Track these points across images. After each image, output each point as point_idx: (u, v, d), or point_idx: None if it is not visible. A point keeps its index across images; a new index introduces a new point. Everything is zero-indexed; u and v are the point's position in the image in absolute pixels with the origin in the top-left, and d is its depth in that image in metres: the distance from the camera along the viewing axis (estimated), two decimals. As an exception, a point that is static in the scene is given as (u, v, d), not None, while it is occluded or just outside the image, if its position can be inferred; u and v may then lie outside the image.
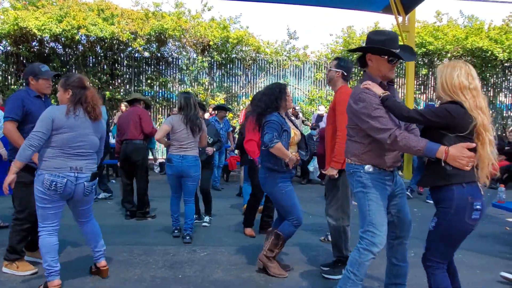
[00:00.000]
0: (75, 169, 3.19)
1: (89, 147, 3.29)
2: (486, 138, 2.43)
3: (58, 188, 3.13)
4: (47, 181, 3.11)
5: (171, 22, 11.65)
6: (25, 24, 10.68)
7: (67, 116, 3.16)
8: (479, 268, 4.11)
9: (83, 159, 3.25)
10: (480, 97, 2.48)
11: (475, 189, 2.49)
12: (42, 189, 3.13)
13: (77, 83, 3.27)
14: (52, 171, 3.13)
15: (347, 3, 9.76)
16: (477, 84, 2.50)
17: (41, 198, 3.17)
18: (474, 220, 2.48)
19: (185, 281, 3.63)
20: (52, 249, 3.23)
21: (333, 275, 3.74)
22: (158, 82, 12.56)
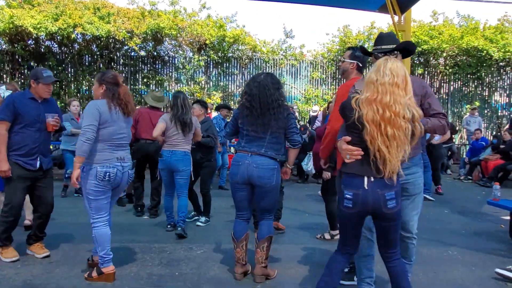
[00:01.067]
0: (120, 159, 3.48)
1: (127, 138, 3.60)
2: (374, 133, 2.40)
3: (111, 178, 3.41)
4: (100, 173, 3.35)
5: (167, 20, 11.63)
6: (20, 22, 10.64)
7: (110, 111, 3.40)
8: (474, 265, 4.14)
9: (124, 149, 3.56)
10: (388, 93, 2.42)
11: (351, 180, 2.54)
12: (95, 181, 3.36)
13: (111, 79, 3.47)
14: (103, 163, 3.37)
15: (343, 2, 9.75)
16: (387, 80, 2.44)
17: (94, 191, 3.39)
18: (346, 208, 2.56)
19: (181, 279, 3.64)
20: (108, 238, 3.50)
21: (343, 280, 3.60)
22: (155, 81, 12.54)
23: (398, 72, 2.46)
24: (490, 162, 9.58)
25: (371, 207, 2.51)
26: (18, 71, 11.92)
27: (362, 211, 2.55)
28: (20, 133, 3.79)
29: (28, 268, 3.77)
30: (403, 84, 2.45)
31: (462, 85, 13.62)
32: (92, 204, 3.44)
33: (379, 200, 2.49)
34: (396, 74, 2.45)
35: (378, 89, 2.44)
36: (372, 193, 2.49)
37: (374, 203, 2.50)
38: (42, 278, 3.56)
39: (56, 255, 4.13)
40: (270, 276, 3.68)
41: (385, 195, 2.49)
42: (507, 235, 5.04)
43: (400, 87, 2.44)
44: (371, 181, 2.50)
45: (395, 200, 2.51)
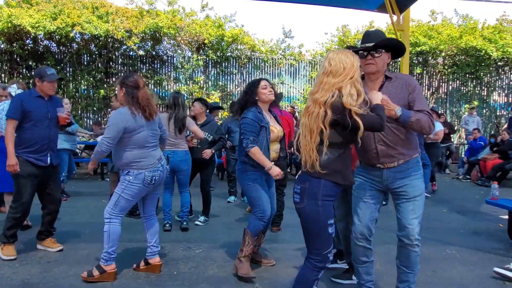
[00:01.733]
0: (159, 158, 3.59)
1: (157, 138, 3.66)
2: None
3: (157, 181, 3.55)
4: (148, 178, 3.47)
5: (166, 20, 11.62)
6: (19, 21, 10.62)
7: (134, 117, 3.40)
8: (473, 264, 4.14)
9: (156, 148, 3.64)
10: (318, 83, 2.41)
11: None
12: (142, 185, 3.47)
13: (131, 82, 3.47)
14: (149, 168, 3.48)
15: (342, 1, 9.76)
16: (321, 72, 2.42)
17: (137, 193, 3.51)
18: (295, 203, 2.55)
19: (179, 278, 3.63)
20: (118, 237, 3.53)
21: (338, 279, 3.64)
22: (153, 80, 12.53)
23: (336, 61, 2.36)
24: (489, 161, 9.59)
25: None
26: (16, 71, 11.89)
27: None
28: (30, 131, 3.91)
29: (26, 268, 3.76)
30: (340, 71, 2.35)
31: (460, 84, 13.63)
32: (122, 203, 3.50)
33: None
34: (334, 64, 2.36)
35: (315, 83, 2.46)
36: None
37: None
38: (40, 277, 3.55)
39: (54, 255, 4.12)
40: (237, 270, 3.66)
41: (294, 188, 2.51)
42: (505, 234, 5.04)
43: (334, 74, 2.36)
44: (299, 174, 2.54)
45: (299, 195, 2.46)
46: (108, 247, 3.48)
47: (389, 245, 4.67)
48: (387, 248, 4.54)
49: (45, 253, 4.15)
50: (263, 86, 3.76)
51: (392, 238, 4.94)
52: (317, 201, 2.41)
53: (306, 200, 2.43)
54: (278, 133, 3.84)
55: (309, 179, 2.44)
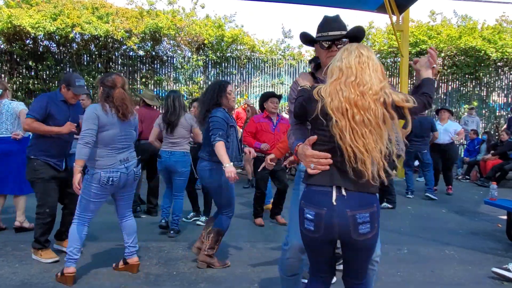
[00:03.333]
0: (123, 160, 3.47)
1: (129, 139, 3.57)
2: (341, 123, 1.90)
3: (114, 182, 3.41)
4: (103, 178, 3.37)
5: (165, 20, 11.64)
6: (18, 22, 10.63)
7: (106, 114, 3.37)
8: (471, 264, 4.15)
9: (126, 150, 3.52)
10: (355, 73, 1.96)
11: (314, 194, 1.99)
12: (98, 185, 3.38)
13: (108, 82, 3.46)
14: (106, 168, 3.38)
15: (341, 2, 9.79)
16: (353, 60, 1.98)
17: (95, 193, 3.42)
18: (307, 230, 2.01)
19: (179, 278, 3.64)
20: (80, 237, 3.44)
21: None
22: (153, 80, 12.53)
23: (369, 54, 2.01)
24: (488, 162, 9.61)
25: (337, 231, 1.94)
26: (16, 71, 11.90)
27: (327, 236, 1.97)
28: (50, 135, 3.87)
29: (25, 268, 3.77)
30: (375, 66, 1.99)
31: (460, 85, 13.64)
32: (82, 202, 3.44)
33: (347, 223, 1.92)
34: (367, 55, 2.00)
35: (343, 72, 1.98)
36: (339, 214, 1.91)
37: (341, 227, 1.93)
38: (39, 277, 3.56)
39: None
40: (214, 266, 3.87)
41: (356, 217, 1.91)
42: (504, 234, 5.05)
43: (371, 68, 1.98)
44: (341, 196, 1.93)
45: (369, 224, 1.93)
46: (68, 247, 3.44)
47: (387, 245, 4.69)
48: (385, 248, 4.55)
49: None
50: (229, 91, 3.91)
51: (390, 238, 4.97)
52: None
53: (376, 225, 1.98)
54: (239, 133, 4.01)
55: (375, 199, 2.00)
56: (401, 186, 8.09)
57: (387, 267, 3.94)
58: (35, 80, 11.71)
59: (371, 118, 1.90)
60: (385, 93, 1.96)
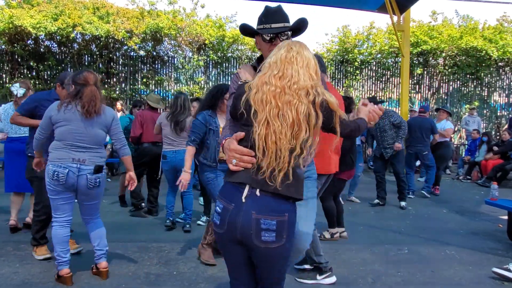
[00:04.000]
0: (77, 160, 3.28)
1: (90, 140, 3.35)
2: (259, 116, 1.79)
3: (60, 178, 3.24)
4: (50, 171, 3.26)
5: (166, 20, 11.65)
6: (20, 22, 10.66)
7: (59, 110, 3.29)
8: (472, 264, 4.14)
9: (85, 151, 3.33)
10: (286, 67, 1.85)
11: (229, 187, 1.88)
12: (48, 179, 3.29)
13: (80, 80, 3.37)
14: (55, 162, 3.26)
15: (342, 2, 9.79)
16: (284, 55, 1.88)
17: (48, 189, 3.33)
18: (215, 225, 1.90)
19: (179, 278, 3.64)
20: (61, 240, 3.36)
21: (304, 279, 3.63)
22: (154, 80, 12.55)
23: (300, 50, 1.90)
24: (489, 162, 9.60)
25: (239, 231, 1.80)
26: (17, 71, 11.92)
27: (231, 234, 1.83)
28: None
29: (26, 268, 3.77)
30: (305, 62, 1.87)
31: (461, 85, 13.63)
32: (50, 202, 3.40)
33: (249, 226, 1.77)
34: (297, 51, 1.89)
35: (270, 66, 1.88)
36: (245, 213, 1.78)
37: (243, 228, 1.79)
38: (40, 277, 3.56)
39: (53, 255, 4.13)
40: (200, 255, 4.02)
41: (260, 222, 1.76)
42: (505, 234, 5.04)
43: (300, 64, 1.86)
44: (254, 195, 1.79)
45: (274, 233, 1.76)
46: (54, 252, 3.40)
47: (388, 245, 4.69)
48: (386, 248, 4.56)
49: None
50: (226, 97, 3.92)
51: (391, 238, 4.98)
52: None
53: (285, 238, 1.81)
54: None
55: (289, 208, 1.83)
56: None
57: (387, 267, 3.94)
58: (37, 80, 11.73)
59: (289, 113, 1.76)
60: (316, 91, 1.81)
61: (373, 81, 13.49)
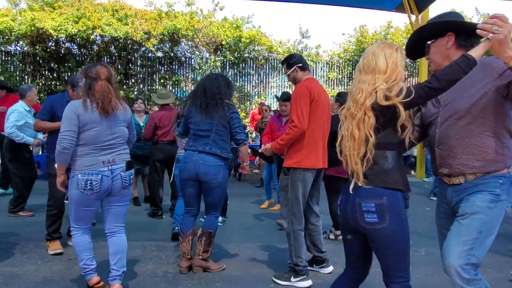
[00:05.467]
0: (108, 162, 3.02)
1: (117, 138, 3.09)
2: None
3: (94, 187, 2.95)
4: (81, 181, 2.94)
5: (183, 22, 11.77)
6: (41, 24, 10.90)
7: (86, 110, 2.94)
8: (490, 266, 4.09)
9: (114, 151, 3.07)
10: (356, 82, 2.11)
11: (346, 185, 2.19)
12: (78, 191, 2.96)
13: (91, 73, 3.03)
14: (85, 170, 2.95)
15: (359, 2, 9.75)
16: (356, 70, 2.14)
17: (78, 200, 3.01)
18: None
19: (196, 277, 3.69)
20: (86, 247, 3.15)
21: (279, 279, 3.58)
22: (171, 81, 12.69)
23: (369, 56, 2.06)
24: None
25: (350, 217, 2.11)
26: (39, 72, 12.19)
27: (346, 223, 2.17)
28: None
29: (47, 265, 3.87)
30: (376, 68, 2.02)
31: (481, 84, 13.40)
32: (72, 212, 3.10)
33: (354, 209, 2.07)
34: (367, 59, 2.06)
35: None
36: (351, 200, 2.09)
37: (351, 213, 2.09)
38: (61, 274, 3.65)
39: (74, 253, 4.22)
40: (210, 269, 3.78)
41: (362, 205, 2.03)
42: (525, 237, 4.96)
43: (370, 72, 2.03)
44: (357, 185, 2.07)
45: (375, 214, 2.00)
46: (79, 261, 3.17)
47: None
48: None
49: (66, 250, 4.26)
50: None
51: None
52: (402, 216, 2.04)
53: (388, 219, 2.00)
54: None
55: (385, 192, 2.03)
56: (422, 188, 8.00)
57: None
58: (57, 81, 11.99)
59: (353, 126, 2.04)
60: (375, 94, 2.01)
61: (390, 81, 13.37)
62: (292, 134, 3.41)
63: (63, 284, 3.45)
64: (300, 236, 3.52)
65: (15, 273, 3.65)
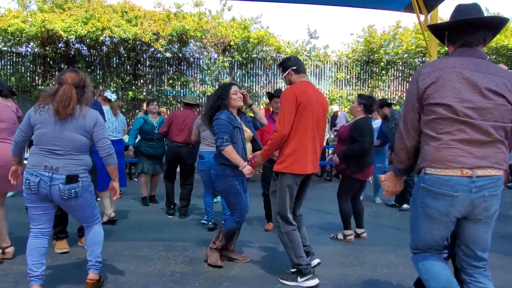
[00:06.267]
0: (50, 168, 2.94)
1: (67, 145, 2.98)
2: None
3: (31, 187, 2.94)
4: (24, 179, 3.00)
5: (192, 22, 11.80)
6: (51, 26, 10.99)
7: (36, 112, 3.02)
8: (500, 268, 4.05)
9: (61, 158, 2.97)
10: None
11: None
12: (23, 187, 3.02)
13: (61, 79, 3.08)
14: (29, 169, 2.98)
15: (368, 2, 9.69)
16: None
17: (25, 197, 3.05)
18: None
19: (203, 277, 3.70)
20: (34, 252, 3.05)
21: (285, 280, 3.60)
22: (180, 82, 12.74)
23: None
24: (521, 164, 9.33)
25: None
26: (49, 73, 12.31)
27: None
28: None
29: (57, 264, 3.90)
30: None
31: (491, 85, 13.27)
32: (28, 210, 3.15)
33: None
34: None
35: None
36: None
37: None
38: (69, 272, 3.68)
39: (83, 251, 4.24)
40: (207, 261, 3.98)
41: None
42: (536, 239, 4.91)
43: None
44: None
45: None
46: (27, 264, 3.06)
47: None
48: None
49: (75, 250, 4.30)
50: (233, 91, 3.89)
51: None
52: None
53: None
54: (249, 133, 3.99)
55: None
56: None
57: (412, 270, 3.88)
58: (67, 82, 12.07)
59: None
60: None
61: (399, 81, 13.31)
62: (273, 139, 3.45)
63: (72, 282, 3.47)
64: (294, 235, 3.54)
65: (24, 271, 3.68)
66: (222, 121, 3.72)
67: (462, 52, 2.27)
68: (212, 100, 3.95)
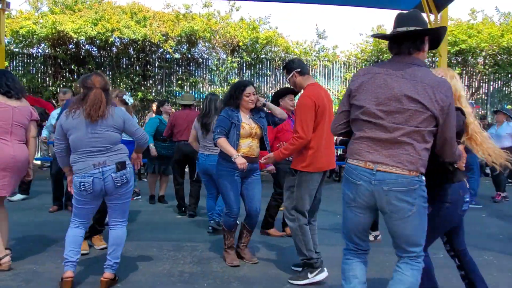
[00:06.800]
0: (98, 164, 3.21)
1: (104, 141, 3.24)
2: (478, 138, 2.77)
3: (87, 188, 3.20)
4: (76, 183, 3.23)
5: (201, 23, 11.84)
6: (62, 27, 11.10)
7: (67, 117, 3.24)
8: (511, 270, 4.02)
9: (103, 154, 3.24)
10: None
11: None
12: (76, 191, 3.28)
13: (88, 83, 3.28)
14: (79, 173, 3.23)
15: (376, 2, 9.65)
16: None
17: (76, 199, 3.33)
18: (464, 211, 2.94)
19: (212, 277, 3.72)
20: (74, 240, 3.34)
21: (296, 281, 3.60)
22: (189, 82, 12.78)
23: None
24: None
25: None
26: (60, 74, 12.43)
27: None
28: None
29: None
30: None
31: (502, 85, 13.15)
32: (73, 209, 3.40)
33: None
34: None
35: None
36: None
37: None
38: (81, 273, 3.70)
39: (92, 252, 4.29)
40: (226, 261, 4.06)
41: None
42: (547, 240, 4.85)
43: None
44: None
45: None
46: (65, 250, 3.33)
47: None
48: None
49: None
50: (246, 93, 3.96)
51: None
52: None
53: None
54: (250, 129, 3.99)
55: None
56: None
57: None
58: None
59: None
60: None
61: (409, 81, 13.21)
62: (297, 145, 3.51)
63: (83, 282, 3.51)
64: (307, 230, 3.60)
65: (35, 271, 3.73)
66: (221, 117, 3.96)
67: (393, 59, 2.44)
68: (226, 99, 4.11)
